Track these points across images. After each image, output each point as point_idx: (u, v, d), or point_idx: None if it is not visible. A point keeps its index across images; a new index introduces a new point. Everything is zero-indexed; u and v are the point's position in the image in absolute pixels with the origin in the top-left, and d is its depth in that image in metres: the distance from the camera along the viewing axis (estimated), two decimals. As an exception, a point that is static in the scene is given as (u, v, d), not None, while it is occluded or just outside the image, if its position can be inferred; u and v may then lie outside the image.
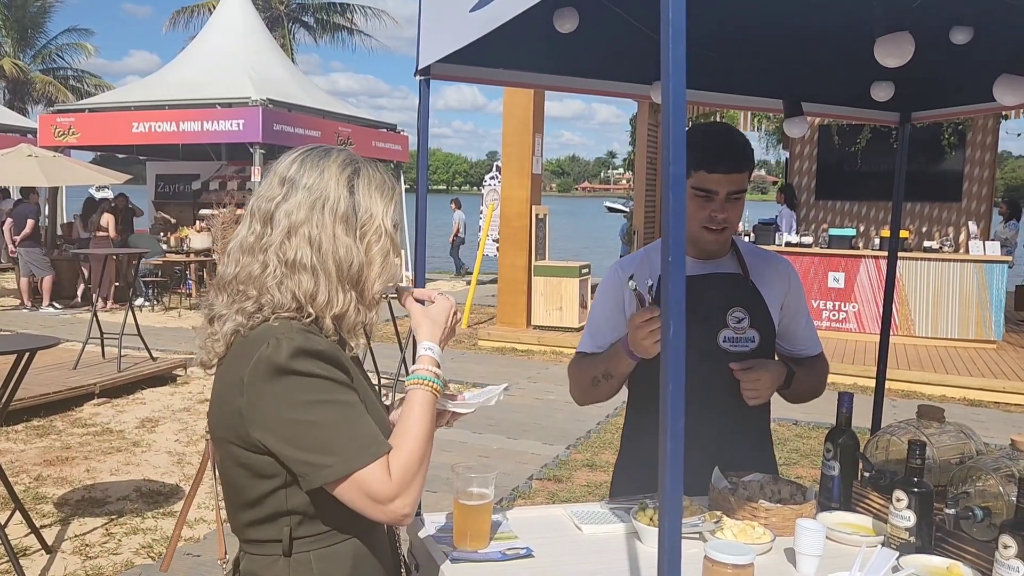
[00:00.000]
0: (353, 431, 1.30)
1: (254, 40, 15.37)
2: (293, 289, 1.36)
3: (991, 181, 12.28)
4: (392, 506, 1.30)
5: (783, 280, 2.22)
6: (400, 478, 1.30)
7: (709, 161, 1.97)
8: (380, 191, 1.42)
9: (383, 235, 1.41)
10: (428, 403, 1.40)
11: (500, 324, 10.84)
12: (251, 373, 1.30)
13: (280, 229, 1.37)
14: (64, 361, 7.68)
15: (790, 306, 2.22)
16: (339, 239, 1.37)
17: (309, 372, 1.30)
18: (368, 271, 1.40)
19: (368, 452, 1.29)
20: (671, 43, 0.97)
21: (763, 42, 2.25)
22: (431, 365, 1.44)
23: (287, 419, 1.29)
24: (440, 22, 1.96)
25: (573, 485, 5.31)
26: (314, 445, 1.28)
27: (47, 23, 33.91)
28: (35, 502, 4.79)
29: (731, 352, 2.08)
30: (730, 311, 2.09)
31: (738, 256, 2.18)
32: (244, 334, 1.36)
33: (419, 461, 1.34)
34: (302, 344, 1.30)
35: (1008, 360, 8.98)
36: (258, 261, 1.37)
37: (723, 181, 1.99)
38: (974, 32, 1.96)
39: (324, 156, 1.43)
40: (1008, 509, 1.67)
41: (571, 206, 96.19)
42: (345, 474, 1.28)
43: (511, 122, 10.51)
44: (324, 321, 1.37)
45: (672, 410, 1.00)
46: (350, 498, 1.31)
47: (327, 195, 1.38)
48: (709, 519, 1.79)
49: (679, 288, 0.99)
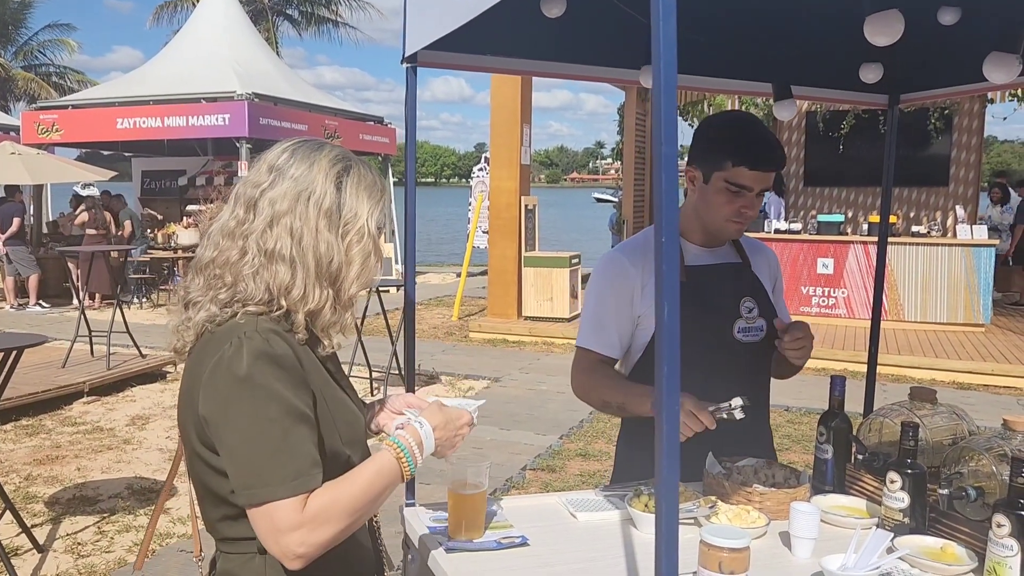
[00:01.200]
0: (282, 459, 1.25)
1: (239, 34, 15.25)
2: (268, 280, 1.33)
3: (978, 165, 12.33)
4: (289, 537, 1.23)
5: (772, 268, 2.26)
6: (313, 515, 1.25)
7: (753, 158, 1.95)
8: (368, 191, 1.40)
9: (365, 236, 1.38)
10: (389, 471, 1.35)
11: (491, 315, 10.83)
12: (210, 373, 1.29)
13: (263, 217, 1.35)
14: (52, 360, 7.63)
15: (776, 293, 2.25)
16: (321, 234, 1.34)
17: (261, 382, 1.26)
18: (347, 270, 1.37)
19: (287, 486, 1.24)
20: (661, 22, 0.96)
21: (751, 25, 2.24)
22: (416, 444, 1.40)
23: (233, 428, 1.26)
24: (426, 9, 1.94)
25: (567, 475, 5.31)
26: (247, 462, 1.25)
27: (28, 19, 33.55)
28: (26, 501, 4.75)
29: (744, 342, 2.09)
30: (742, 301, 2.10)
31: (737, 245, 2.19)
32: (212, 329, 1.33)
33: (341, 512, 1.27)
34: (261, 347, 1.27)
35: (996, 343, 9.04)
36: (237, 247, 1.35)
37: (761, 179, 1.98)
38: (961, 12, 1.95)
39: (316, 149, 1.41)
40: (1001, 488, 1.67)
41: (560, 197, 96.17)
42: (263, 501, 1.24)
43: (499, 113, 10.48)
44: (296, 316, 1.34)
45: (667, 394, 1.00)
46: (257, 525, 1.27)
47: (313, 188, 1.35)
48: (704, 504, 1.79)
49: (673, 270, 0.98)
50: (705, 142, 2.05)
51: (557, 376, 8.10)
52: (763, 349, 2.13)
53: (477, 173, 13.26)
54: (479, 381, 8.02)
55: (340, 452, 1.38)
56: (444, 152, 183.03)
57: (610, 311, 2.11)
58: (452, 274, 16.96)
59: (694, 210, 2.08)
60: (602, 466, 5.37)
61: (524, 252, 10.62)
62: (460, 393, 7.52)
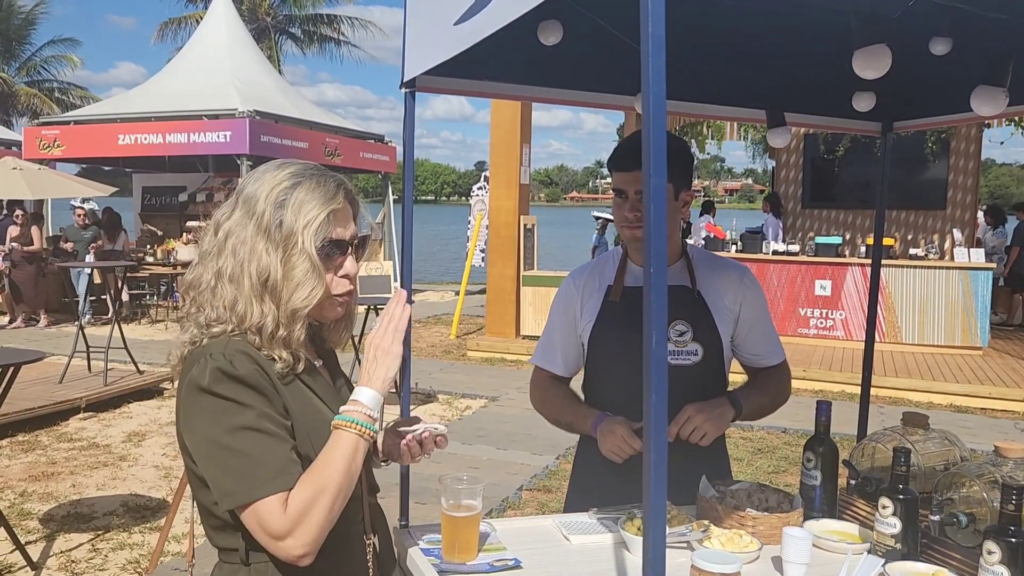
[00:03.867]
0: (258, 461, 1.29)
1: (241, 51, 15.36)
2: (222, 298, 1.39)
3: (975, 189, 12.40)
4: (283, 544, 1.29)
5: (737, 289, 2.18)
6: (295, 514, 1.29)
7: (613, 160, 2.12)
8: (311, 205, 1.40)
9: (301, 251, 1.38)
10: (346, 440, 1.36)
11: (489, 334, 10.83)
12: (184, 391, 1.36)
13: (218, 240, 1.42)
14: (50, 375, 7.62)
15: (747, 315, 2.18)
16: (255, 252, 1.38)
17: (226, 395, 1.31)
18: (285, 285, 1.39)
19: (268, 484, 1.29)
20: (651, 55, 0.98)
21: (746, 53, 2.27)
22: (360, 406, 1.39)
23: (205, 438, 1.32)
24: (425, 35, 1.97)
25: (562, 495, 5.28)
26: (224, 469, 1.31)
27: (32, 35, 33.77)
28: (20, 518, 4.74)
29: (672, 365, 2.08)
30: (672, 324, 2.11)
31: (688, 265, 2.17)
32: (191, 351, 1.40)
33: (322, 501, 1.30)
34: (222, 367, 1.32)
35: (994, 366, 9.05)
36: (204, 270, 1.43)
37: (630, 180, 2.07)
38: (953, 43, 1.98)
39: (275, 169, 1.45)
40: (992, 515, 1.68)
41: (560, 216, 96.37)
42: (245, 502, 1.29)
43: (499, 132, 10.54)
44: (249, 332, 1.38)
45: (655, 420, 1.01)
46: (251, 529, 1.32)
47: (256, 208, 1.40)
48: (696, 528, 1.79)
49: (661, 298, 0.99)
50: None
51: (554, 396, 8.08)
52: (699, 373, 2.12)
53: (477, 192, 13.31)
54: (476, 400, 8.01)
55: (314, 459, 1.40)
56: (444, 170, 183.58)
57: (557, 332, 2.27)
58: (450, 292, 16.98)
59: None
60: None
61: (523, 271, 10.64)
62: (458, 412, 7.51)
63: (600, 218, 16.80)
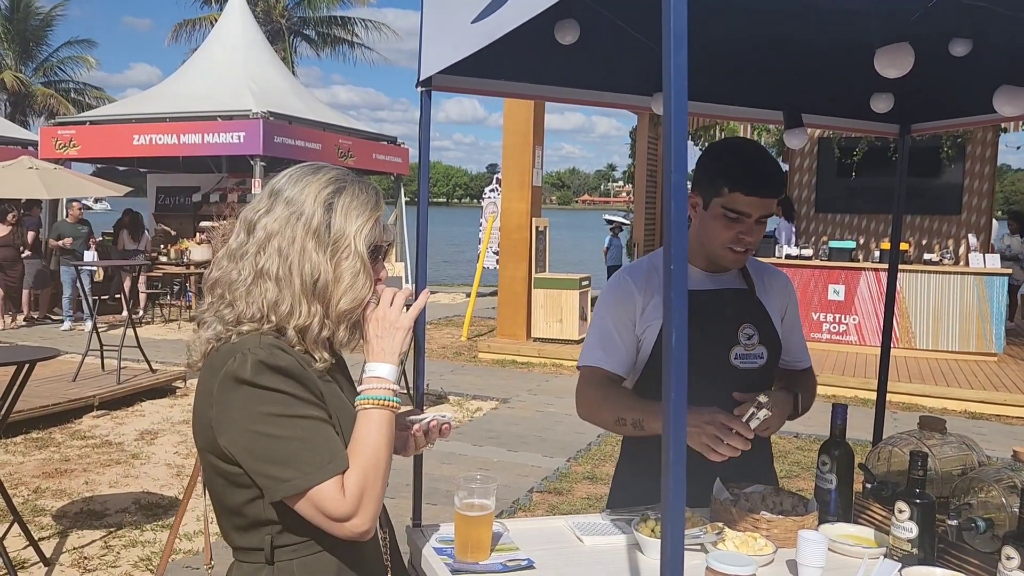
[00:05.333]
0: (312, 447, 1.32)
1: (255, 53, 15.42)
2: (260, 297, 1.40)
3: (991, 194, 12.30)
4: (348, 524, 1.33)
5: (784, 294, 2.23)
6: (354, 496, 1.32)
7: (749, 184, 1.93)
8: (359, 211, 1.44)
9: (352, 254, 1.42)
10: (374, 417, 1.40)
11: (500, 336, 10.83)
12: (219, 386, 1.35)
13: (257, 239, 1.42)
14: (63, 373, 7.67)
15: (789, 319, 2.23)
16: (307, 253, 1.40)
17: (271, 386, 1.32)
18: (335, 287, 1.42)
19: (325, 469, 1.31)
20: (672, 52, 0.97)
21: (763, 54, 2.26)
22: (376, 381, 1.42)
23: (249, 431, 1.32)
24: (441, 34, 1.97)
25: (574, 498, 5.29)
26: (274, 458, 1.31)
27: (49, 36, 34.05)
28: (33, 515, 4.77)
29: (741, 369, 2.08)
30: (741, 327, 2.09)
31: (743, 270, 2.18)
32: (217, 347, 1.40)
33: (374, 478, 1.35)
34: (265, 359, 1.33)
35: (1009, 373, 8.97)
36: (236, 268, 1.43)
37: (759, 205, 1.95)
38: (973, 44, 1.97)
39: (313, 172, 1.47)
40: (1011, 520, 1.66)
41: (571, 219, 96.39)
42: (302, 489, 1.31)
43: (511, 135, 10.54)
44: (288, 331, 1.40)
45: (674, 420, 1.00)
46: (308, 514, 1.33)
47: (303, 210, 1.42)
48: (711, 531, 1.78)
49: (681, 297, 0.99)
50: (704, 169, 2.04)
51: (565, 398, 8.07)
52: (762, 376, 2.12)
53: (489, 194, 13.32)
54: (487, 402, 8.01)
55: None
56: (456, 172, 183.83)
57: (616, 330, 2.11)
58: (462, 294, 16.99)
59: (697, 236, 2.08)
60: (609, 490, 5.33)
61: (534, 273, 10.64)
62: (469, 414, 7.51)
63: (612, 221, 16.75)
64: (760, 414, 1.86)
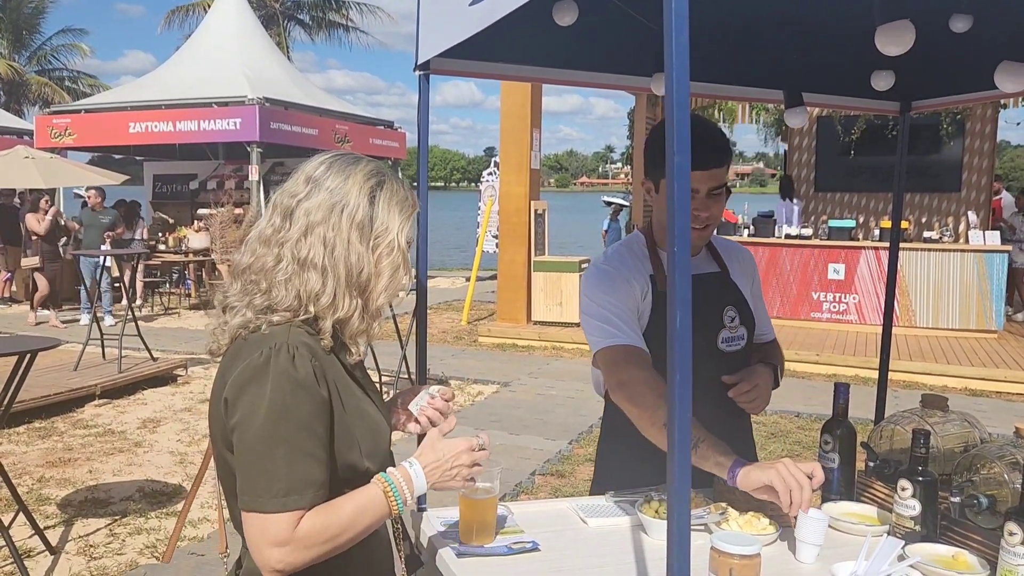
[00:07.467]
0: (282, 475, 1.29)
1: (250, 38, 15.34)
2: (299, 287, 1.37)
3: (990, 171, 12.26)
4: (273, 551, 1.29)
5: (750, 271, 2.23)
6: (302, 536, 1.30)
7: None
8: (400, 207, 1.44)
9: (395, 249, 1.42)
10: (377, 506, 1.38)
11: (500, 320, 10.84)
12: (238, 377, 1.33)
13: (298, 226, 1.39)
14: (65, 363, 7.68)
15: (755, 295, 2.23)
16: (352, 245, 1.39)
17: (280, 401, 1.30)
18: (376, 282, 1.41)
19: (279, 501, 1.29)
20: (674, 32, 0.97)
21: (763, 32, 2.25)
22: (405, 482, 1.41)
23: (244, 436, 1.31)
24: (439, 17, 1.96)
25: (576, 480, 5.31)
26: (248, 470, 1.31)
27: (42, 24, 33.82)
28: (38, 504, 4.79)
29: (727, 352, 2.08)
30: (724, 310, 2.09)
31: (714, 253, 2.17)
32: (245, 336, 1.38)
33: (327, 539, 1.32)
34: (286, 368, 1.31)
35: (1009, 350, 8.99)
36: (272, 254, 1.39)
37: (705, 178, 1.92)
38: (973, 20, 1.95)
39: (353, 163, 1.45)
40: (1013, 496, 1.67)
41: (570, 201, 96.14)
42: (250, 509, 1.30)
43: (509, 118, 10.50)
44: (324, 323, 1.38)
45: (680, 401, 1.00)
46: (246, 528, 1.32)
47: (347, 200, 1.40)
48: (714, 511, 1.79)
49: (685, 278, 0.98)
50: (649, 152, 2.01)
51: (566, 381, 8.10)
52: (743, 358, 2.12)
53: (487, 177, 13.28)
54: (488, 386, 8.02)
55: (359, 465, 1.41)
56: (454, 156, 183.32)
57: (625, 312, 2.02)
58: (462, 278, 16.98)
59: (660, 221, 2.05)
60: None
61: (534, 256, 10.63)
62: (470, 398, 7.53)
63: (611, 203, 16.69)
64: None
